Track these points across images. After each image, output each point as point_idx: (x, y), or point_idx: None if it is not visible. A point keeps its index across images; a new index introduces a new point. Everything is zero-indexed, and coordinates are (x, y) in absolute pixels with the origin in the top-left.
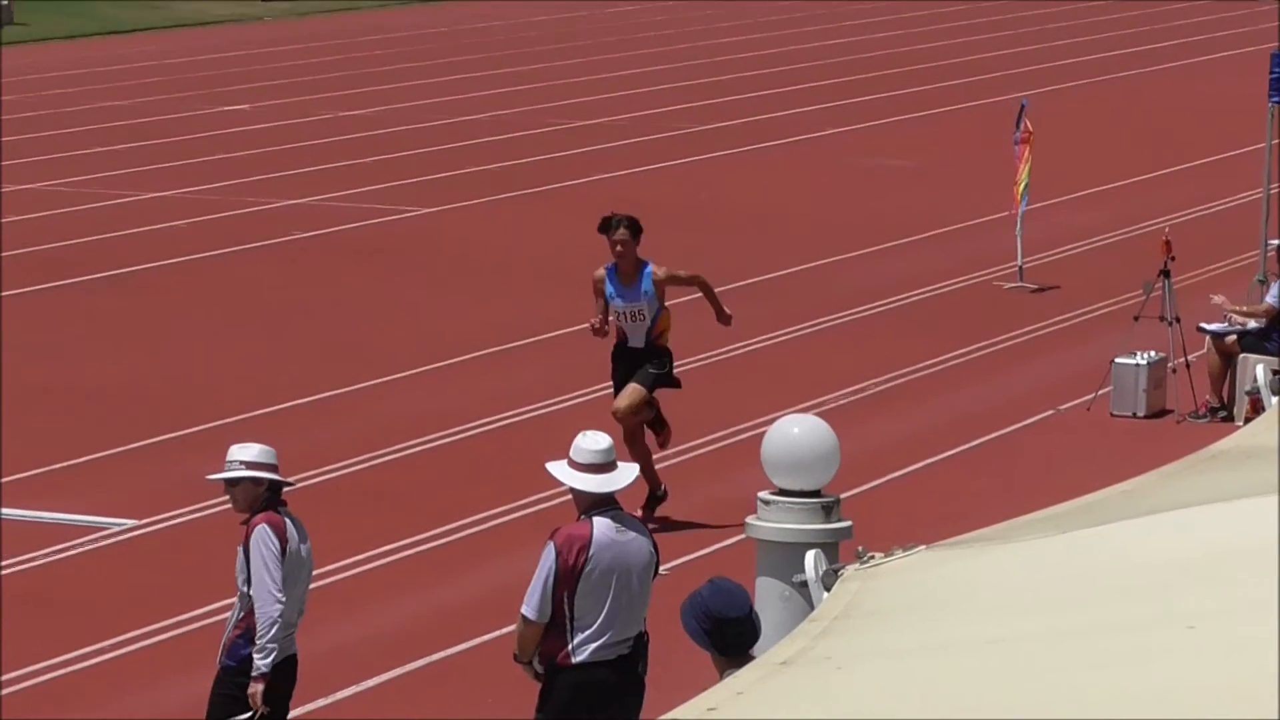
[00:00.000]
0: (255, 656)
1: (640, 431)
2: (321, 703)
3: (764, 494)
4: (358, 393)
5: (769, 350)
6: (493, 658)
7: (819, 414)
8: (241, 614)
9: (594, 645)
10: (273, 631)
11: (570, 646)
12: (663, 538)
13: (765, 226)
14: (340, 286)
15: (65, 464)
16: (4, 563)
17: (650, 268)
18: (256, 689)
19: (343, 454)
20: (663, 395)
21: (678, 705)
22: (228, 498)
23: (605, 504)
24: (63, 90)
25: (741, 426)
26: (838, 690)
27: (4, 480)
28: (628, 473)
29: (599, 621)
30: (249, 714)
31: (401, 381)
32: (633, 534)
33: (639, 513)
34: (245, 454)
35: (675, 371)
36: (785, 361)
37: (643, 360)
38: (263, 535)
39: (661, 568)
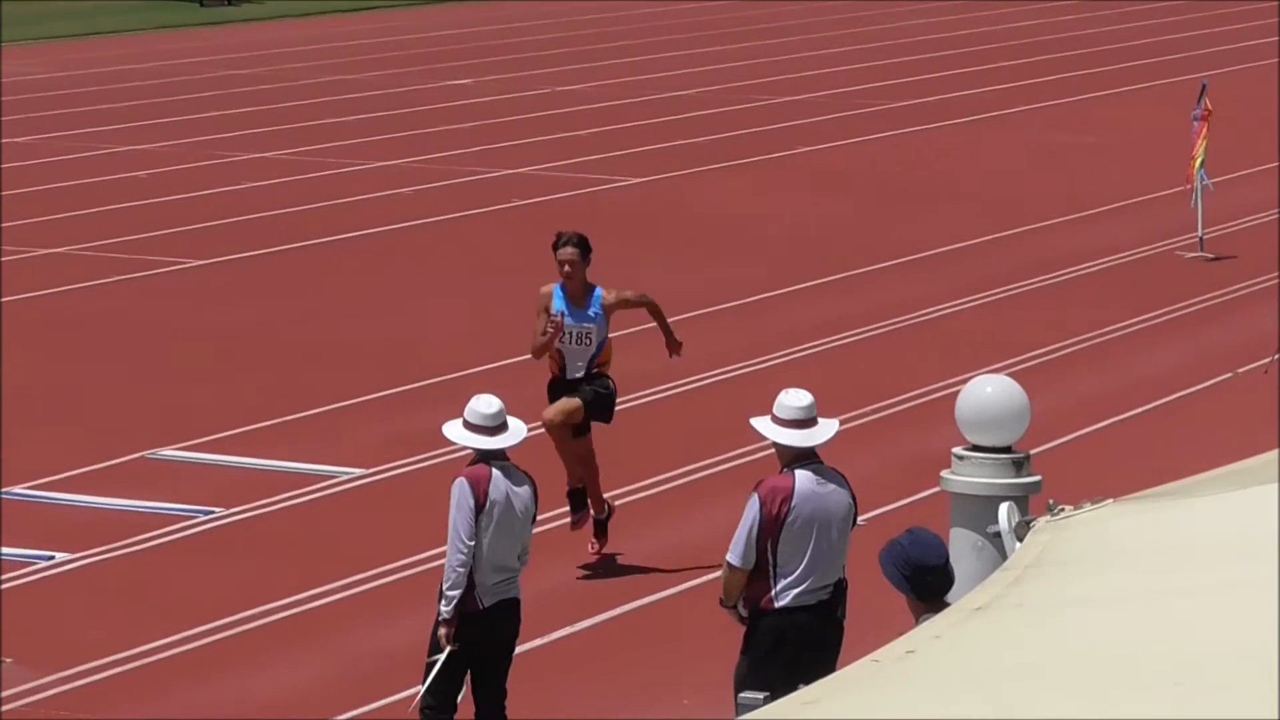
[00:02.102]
0: (440, 603)
1: (582, 448)
2: (541, 641)
3: (958, 449)
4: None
5: (960, 315)
6: (700, 602)
7: (1009, 375)
8: None
9: (796, 591)
10: (453, 579)
11: (773, 592)
12: (860, 490)
13: (955, 199)
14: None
15: (299, 415)
16: (244, 508)
17: (600, 291)
18: (441, 632)
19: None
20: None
21: (876, 649)
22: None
23: (806, 457)
24: (295, 65)
25: (934, 387)
26: (1029, 635)
27: (243, 430)
28: (828, 428)
29: (800, 568)
30: (443, 653)
31: (613, 341)
32: (833, 486)
33: (593, 545)
34: (466, 412)
35: (617, 408)
36: (975, 326)
37: (592, 404)
38: (459, 489)
39: (859, 518)
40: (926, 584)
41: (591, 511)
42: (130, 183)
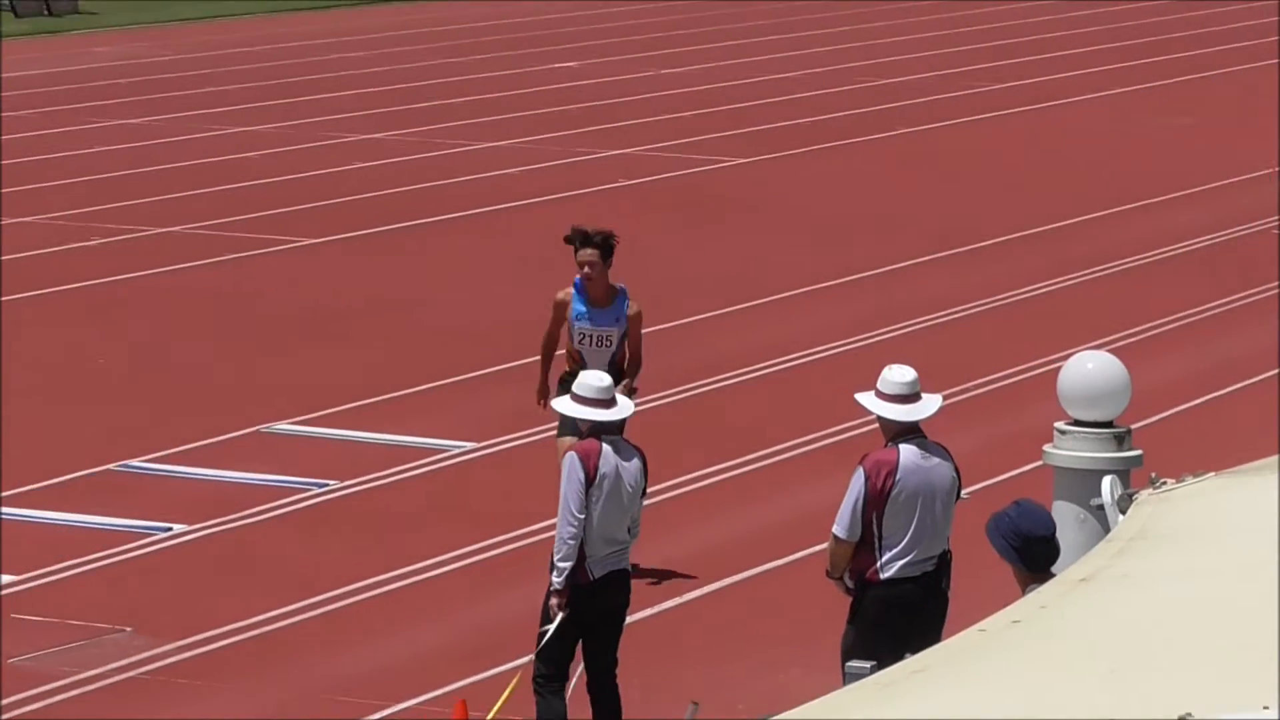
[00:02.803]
0: (551, 574)
1: None
2: (651, 611)
3: (1060, 424)
4: (688, 325)
5: (1061, 293)
6: (806, 574)
7: (1110, 351)
8: None
9: (901, 562)
10: (564, 551)
11: (879, 563)
12: (963, 465)
13: (1055, 178)
14: (662, 230)
15: (410, 390)
16: (356, 481)
17: (628, 300)
18: (552, 602)
19: (680, 381)
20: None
21: (980, 619)
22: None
23: (910, 432)
24: (403, 48)
25: (1036, 363)
26: (1134, 605)
27: (355, 404)
28: (932, 403)
29: (905, 540)
30: (553, 623)
31: (726, 317)
32: (936, 460)
33: None
34: (576, 386)
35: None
36: (1076, 304)
37: None
38: (569, 462)
39: (963, 492)
40: (1035, 554)
41: None
42: (244, 163)
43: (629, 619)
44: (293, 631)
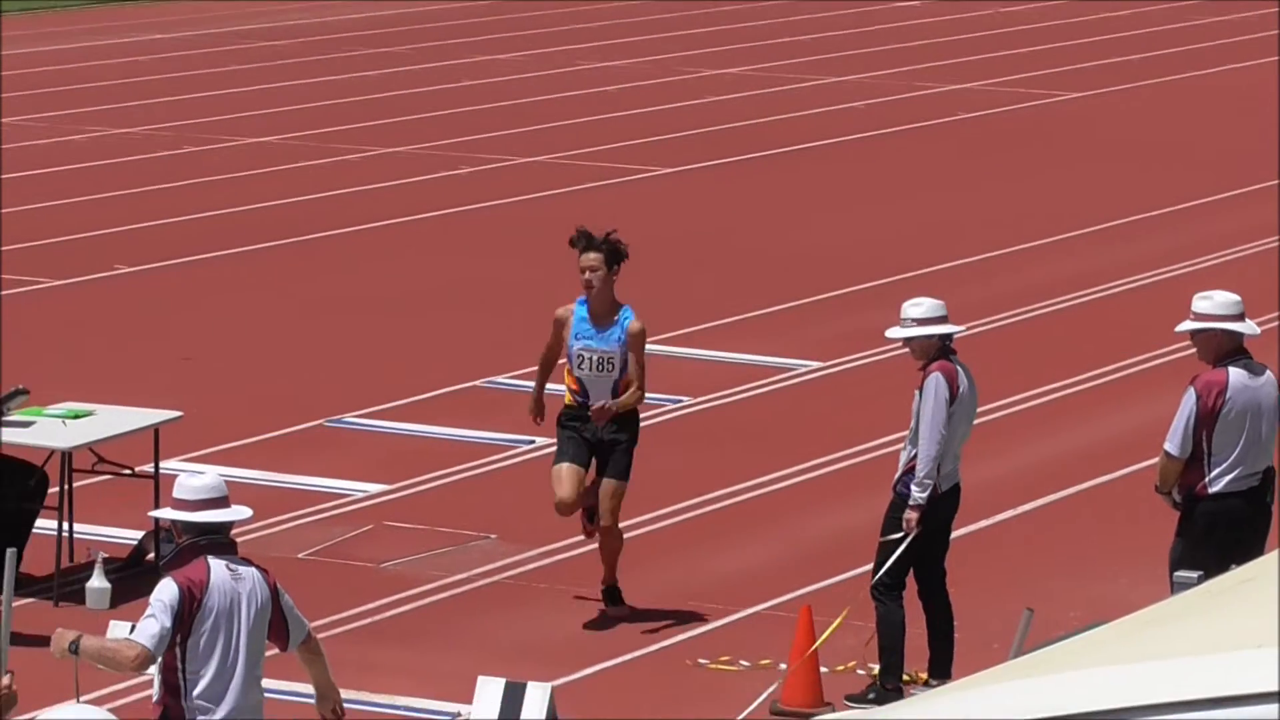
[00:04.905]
0: (913, 488)
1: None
2: (987, 522)
3: None
4: (1008, 255)
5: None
6: (1135, 487)
7: None
8: (913, 451)
9: (1228, 477)
10: (929, 468)
11: (1207, 479)
12: None
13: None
14: (997, 162)
15: (759, 312)
16: (710, 397)
17: (631, 317)
18: (911, 515)
19: (997, 309)
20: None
21: None
22: (905, 347)
23: (1238, 352)
24: None
25: None
26: None
27: (706, 325)
28: (1254, 326)
29: (1233, 456)
30: (901, 534)
31: (1045, 247)
32: (1263, 379)
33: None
34: (916, 311)
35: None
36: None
37: (619, 426)
38: (935, 382)
39: None
40: None
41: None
42: (601, 97)
43: (962, 531)
44: (644, 540)
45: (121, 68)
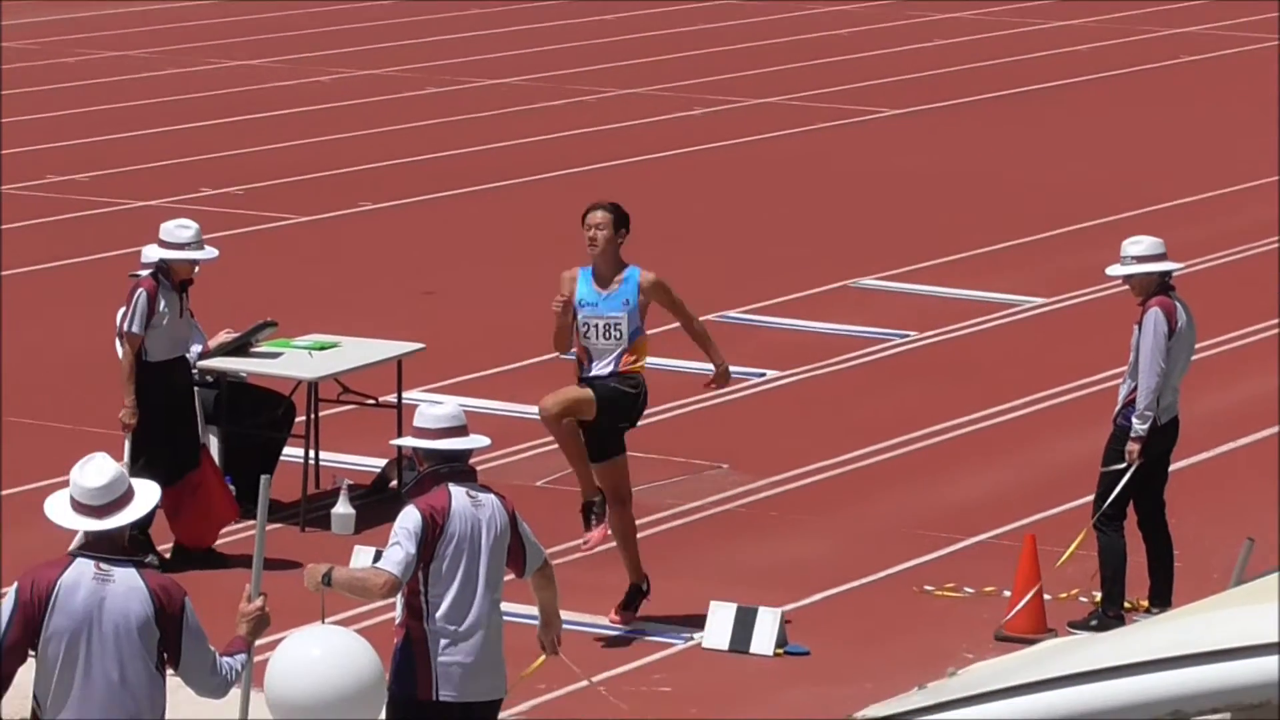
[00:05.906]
0: (1134, 420)
1: (612, 476)
2: (1204, 455)
3: None
4: (1227, 195)
5: None
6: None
7: None
8: (1133, 384)
9: None
10: (1149, 400)
11: None
12: None
13: None
14: (1215, 103)
15: (984, 249)
16: (936, 332)
17: (637, 272)
18: (1132, 447)
19: (1214, 248)
20: None
21: None
22: (1125, 284)
23: None
24: None
25: None
26: None
27: (934, 262)
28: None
29: None
30: (1123, 465)
31: (1265, 187)
32: None
33: (613, 615)
34: (1136, 249)
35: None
36: None
37: (607, 405)
38: (1154, 317)
39: None
40: None
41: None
42: (832, 40)
43: (1184, 463)
44: (873, 470)
45: (359, 12)
